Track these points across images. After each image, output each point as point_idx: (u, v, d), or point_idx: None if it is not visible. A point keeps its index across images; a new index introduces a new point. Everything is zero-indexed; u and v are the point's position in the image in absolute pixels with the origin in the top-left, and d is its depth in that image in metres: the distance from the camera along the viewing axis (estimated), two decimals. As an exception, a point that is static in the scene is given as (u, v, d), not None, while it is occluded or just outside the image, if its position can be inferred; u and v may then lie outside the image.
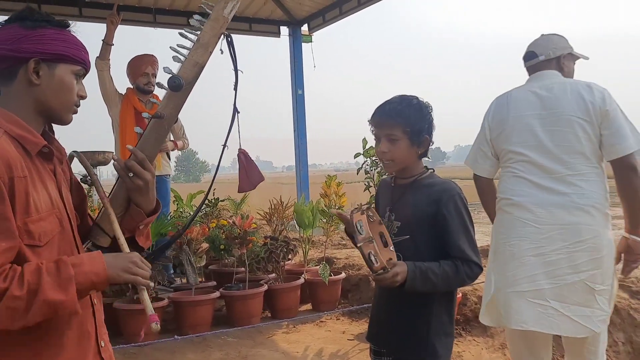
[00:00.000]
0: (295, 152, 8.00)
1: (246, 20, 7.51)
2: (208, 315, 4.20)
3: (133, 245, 1.54)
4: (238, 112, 1.74)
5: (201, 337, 3.98)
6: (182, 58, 1.57)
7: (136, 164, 1.49)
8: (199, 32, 1.58)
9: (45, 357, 1.30)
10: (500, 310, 2.67)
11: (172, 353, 3.63)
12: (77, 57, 1.39)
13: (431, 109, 1.99)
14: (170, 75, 1.53)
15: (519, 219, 2.64)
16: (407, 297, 1.92)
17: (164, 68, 1.57)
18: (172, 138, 5.13)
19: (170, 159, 5.39)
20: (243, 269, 4.58)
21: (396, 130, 1.93)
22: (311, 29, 7.89)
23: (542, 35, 2.85)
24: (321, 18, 7.58)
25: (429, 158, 2.11)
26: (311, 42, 7.98)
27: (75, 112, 1.44)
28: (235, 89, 1.72)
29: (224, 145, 1.79)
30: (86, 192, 1.59)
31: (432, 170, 2.04)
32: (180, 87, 1.53)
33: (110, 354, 1.50)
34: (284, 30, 7.90)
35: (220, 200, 5.64)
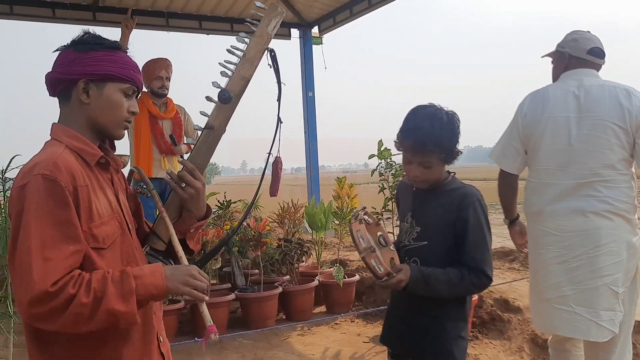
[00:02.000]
0: (306, 154, 8.00)
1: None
2: (224, 318, 4.21)
3: (184, 248, 1.62)
4: (281, 122, 1.81)
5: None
6: (229, 73, 1.67)
7: (187, 174, 1.59)
8: (244, 47, 1.69)
9: (111, 346, 1.38)
10: (535, 317, 2.83)
11: (189, 355, 3.65)
12: (124, 76, 1.47)
13: (458, 120, 1.94)
14: (220, 89, 1.64)
15: (542, 229, 2.67)
16: (423, 300, 1.92)
17: (212, 83, 1.66)
18: (185, 141, 5.15)
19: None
20: (257, 271, 4.60)
21: (432, 158, 1.89)
22: (321, 31, 7.89)
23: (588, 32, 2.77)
24: (331, 20, 7.57)
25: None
26: (321, 44, 7.98)
27: (126, 128, 1.53)
28: (279, 100, 1.79)
29: (269, 153, 1.87)
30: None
31: (453, 174, 2.03)
32: (229, 99, 1.64)
33: (168, 348, 1.57)
34: (295, 32, 7.91)
35: (233, 202, 5.66)
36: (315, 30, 7.90)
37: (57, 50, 1.48)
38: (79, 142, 1.43)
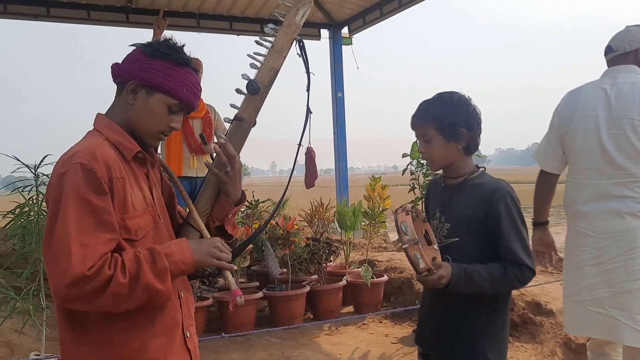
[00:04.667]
0: (335, 155, 7.98)
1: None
2: (251, 316, 4.23)
3: (222, 233, 1.68)
4: (310, 113, 1.81)
5: (244, 337, 4.01)
6: (258, 64, 1.66)
7: (225, 158, 1.62)
8: (273, 39, 1.67)
9: (139, 339, 1.41)
10: (567, 319, 2.73)
11: (216, 352, 3.67)
12: (174, 92, 1.48)
13: (468, 102, 1.92)
14: (248, 80, 1.63)
15: (579, 229, 2.63)
16: (457, 299, 1.86)
17: (242, 75, 1.66)
18: (215, 140, 5.19)
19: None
20: (285, 270, 4.60)
21: (427, 130, 1.91)
22: (351, 32, 7.88)
23: (626, 27, 2.72)
24: (361, 20, 7.55)
25: (479, 156, 2.06)
26: (351, 44, 7.97)
27: (161, 139, 1.55)
28: (308, 90, 1.79)
29: (299, 145, 1.86)
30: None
31: (483, 169, 1.98)
32: (257, 90, 1.64)
33: (195, 344, 1.59)
34: (324, 32, 7.91)
35: (262, 202, 5.69)
36: (345, 30, 7.89)
37: (133, 45, 1.52)
38: (119, 135, 1.47)
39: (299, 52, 1.75)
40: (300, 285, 4.49)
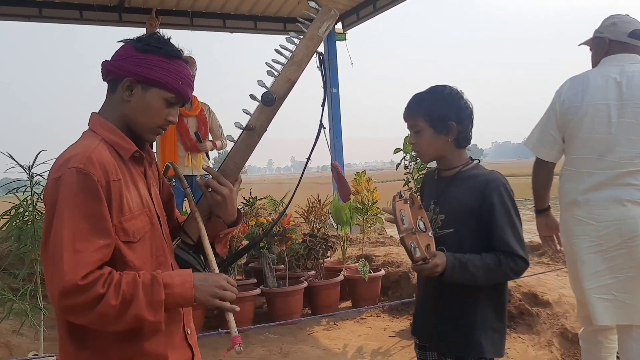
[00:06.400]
0: (331, 152, 7.98)
1: (280, 20, 7.56)
2: (249, 312, 4.23)
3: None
4: (324, 128, 1.80)
5: (243, 334, 4.01)
6: (275, 73, 1.63)
7: (213, 180, 1.60)
8: (293, 49, 1.64)
9: (138, 340, 1.40)
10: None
11: (215, 349, 3.68)
12: (170, 86, 1.47)
13: (460, 95, 1.94)
14: (264, 90, 1.61)
15: (577, 218, 2.61)
16: (453, 290, 1.89)
17: (257, 81, 1.64)
18: (210, 138, 5.20)
19: (209, 159, 5.46)
20: (283, 266, 4.61)
21: (418, 121, 1.94)
22: (345, 27, 7.87)
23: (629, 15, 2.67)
24: (355, 15, 7.55)
25: (470, 150, 2.07)
26: (345, 40, 7.97)
27: (160, 134, 1.54)
28: (323, 105, 1.77)
29: (308, 159, 1.86)
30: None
31: (477, 161, 1.99)
32: (272, 102, 1.61)
33: (195, 341, 1.59)
34: (318, 28, 7.90)
35: (259, 199, 5.70)
36: (338, 26, 7.88)
37: (121, 41, 1.50)
38: (115, 135, 1.46)
39: (319, 65, 1.73)
40: (297, 281, 4.50)
